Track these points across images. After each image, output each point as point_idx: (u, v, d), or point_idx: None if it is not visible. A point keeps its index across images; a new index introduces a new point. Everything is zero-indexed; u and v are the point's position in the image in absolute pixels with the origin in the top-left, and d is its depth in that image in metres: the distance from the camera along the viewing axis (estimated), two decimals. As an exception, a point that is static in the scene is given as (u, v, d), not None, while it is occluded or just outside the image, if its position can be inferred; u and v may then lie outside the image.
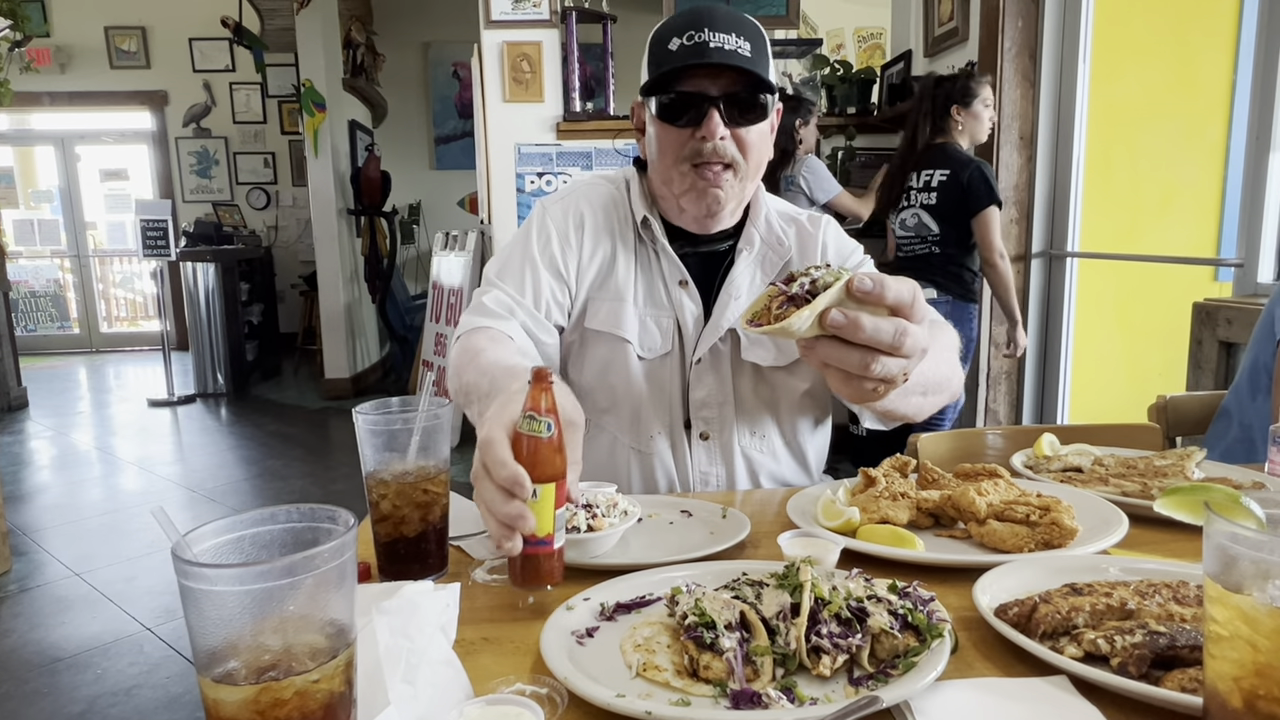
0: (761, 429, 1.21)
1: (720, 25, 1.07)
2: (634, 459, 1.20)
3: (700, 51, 1.06)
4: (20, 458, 4.50)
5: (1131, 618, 0.66)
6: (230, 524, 0.52)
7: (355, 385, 6.02)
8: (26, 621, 2.57)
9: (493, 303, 1.15)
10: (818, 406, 1.25)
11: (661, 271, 1.20)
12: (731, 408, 1.19)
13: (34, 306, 8.31)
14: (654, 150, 1.15)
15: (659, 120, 1.11)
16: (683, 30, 1.08)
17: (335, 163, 5.76)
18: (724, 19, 1.08)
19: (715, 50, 1.05)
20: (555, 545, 0.75)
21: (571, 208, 1.23)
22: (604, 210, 1.23)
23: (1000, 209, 2.78)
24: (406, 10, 7.41)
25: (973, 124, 2.85)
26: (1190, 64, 3.02)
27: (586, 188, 1.26)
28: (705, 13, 1.09)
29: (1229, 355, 2.29)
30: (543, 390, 0.73)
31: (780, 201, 1.29)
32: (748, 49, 1.07)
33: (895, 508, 0.92)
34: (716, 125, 1.07)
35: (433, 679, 0.59)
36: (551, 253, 1.19)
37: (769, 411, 1.21)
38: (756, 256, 1.22)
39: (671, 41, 1.09)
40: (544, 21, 3.49)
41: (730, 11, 1.11)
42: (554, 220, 1.22)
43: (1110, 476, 1.07)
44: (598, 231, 1.21)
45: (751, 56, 1.07)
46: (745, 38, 1.08)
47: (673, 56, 1.08)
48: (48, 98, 7.69)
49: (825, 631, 0.63)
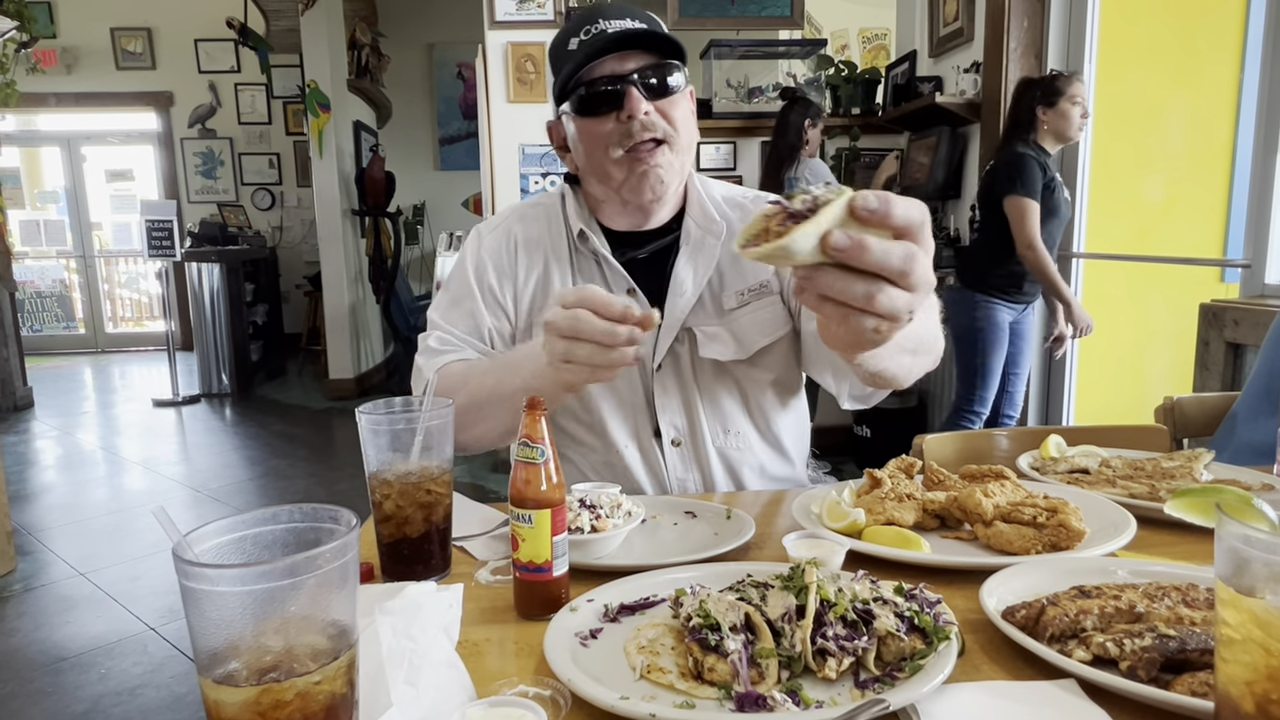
0: (734, 425, 1.19)
1: (612, 14, 1.09)
2: (608, 474, 1.18)
3: (601, 39, 1.07)
4: (25, 457, 4.51)
5: (1140, 621, 0.66)
6: (232, 524, 0.52)
7: (359, 385, 6.03)
8: (31, 621, 2.57)
9: (438, 343, 1.16)
10: (787, 391, 1.22)
11: (606, 282, 1.17)
12: (699, 410, 1.17)
13: (40, 307, 8.34)
14: (582, 152, 1.14)
15: (580, 117, 1.11)
16: (578, 29, 1.10)
17: (340, 163, 5.77)
18: (614, 9, 1.10)
19: (616, 35, 1.06)
20: (555, 572, 0.75)
21: (504, 233, 1.22)
22: (538, 230, 1.21)
23: (1033, 200, 2.74)
24: (411, 11, 7.42)
25: (1059, 121, 2.81)
26: (1196, 64, 3.01)
27: (520, 209, 1.26)
28: (595, 8, 1.11)
29: (1236, 356, 2.28)
30: (536, 418, 0.74)
31: (727, 187, 1.27)
32: (645, 28, 1.08)
33: (901, 509, 0.92)
34: (638, 101, 1.07)
35: (435, 680, 0.58)
36: (489, 283, 1.19)
37: (739, 407, 1.19)
38: (694, 246, 1.19)
39: (570, 43, 1.10)
40: (548, 22, 3.49)
41: (619, 3, 1.13)
42: (488, 250, 1.21)
43: (1118, 478, 1.07)
44: (532, 252, 1.20)
45: (651, 31, 1.08)
46: (640, 20, 1.10)
47: (577, 56, 1.08)
48: (54, 98, 7.72)
49: (831, 634, 0.63)
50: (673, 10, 3.89)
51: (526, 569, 0.75)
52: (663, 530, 0.97)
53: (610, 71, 1.07)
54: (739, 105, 4.03)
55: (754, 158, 4.02)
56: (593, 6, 1.15)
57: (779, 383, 1.20)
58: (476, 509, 1.04)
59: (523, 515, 0.74)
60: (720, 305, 1.17)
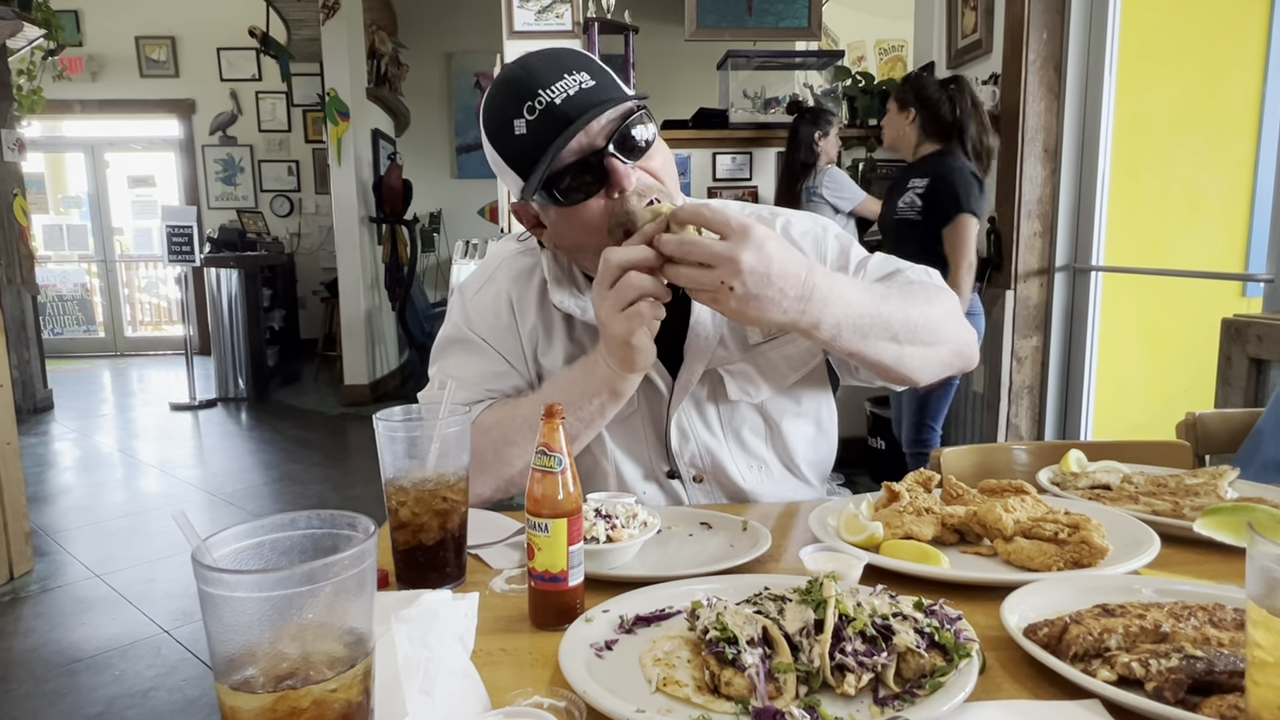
0: (759, 460, 1.16)
1: (546, 75, 0.92)
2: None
3: (553, 116, 0.91)
4: (45, 459, 4.56)
5: (1166, 641, 0.64)
6: (250, 529, 0.52)
7: (374, 391, 6.06)
8: (47, 621, 2.59)
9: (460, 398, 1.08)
10: (817, 418, 1.19)
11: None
12: (725, 451, 1.13)
13: (61, 310, 8.46)
14: (570, 238, 1.02)
15: (563, 209, 0.97)
16: (518, 108, 0.92)
17: (358, 171, 5.82)
18: (543, 65, 0.94)
19: (566, 104, 0.91)
20: (571, 582, 0.74)
21: (493, 294, 1.13)
22: (529, 285, 1.13)
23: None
24: (430, 21, 7.50)
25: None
26: (1218, 76, 2.98)
27: (508, 263, 1.16)
28: (524, 76, 0.93)
29: (1259, 372, 2.24)
30: (554, 427, 0.74)
31: (737, 208, 1.16)
32: (588, 79, 0.94)
33: (920, 523, 0.91)
34: (625, 175, 0.93)
35: (450, 690, 0.58)
36: (491, 351, 1.12)
37: (765, 443, 1.16)
38: None
39: (514, 126, 0.93)
40: (566, 32, 3.51)
41: (542, 53, 0.96)
42: (479, 312, 1.13)
43: (1140, 494, 1.05)
44: (526, 309, 1.12)
45: (598, 83, 0.94)
46: (576, 69, 0.94)
47: (529, 142, 0.93)
48: (79, 105, 7.85)
49: (850, 649, 0.62)
50: (690, 21, 3.90)
51: (542, 578, 0.74)
52: (678, 541, 0.96)
53: (579, 149, 0.92)
54: (755, 116, 4.04)
55: (770, 168, 4.02)
56: (519, 72, 0.94)
57: (807, 412, 1.17)
58: (491, 518, 1.04)
59: (539, 524, 0.74)
60: (744, 341, 1.11)
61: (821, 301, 0.88)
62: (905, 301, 0.99)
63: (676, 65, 6.08)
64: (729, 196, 3.48)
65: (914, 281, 1.09)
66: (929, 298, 1.04)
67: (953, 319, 1.06)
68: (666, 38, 5.48)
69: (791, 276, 0.86)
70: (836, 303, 0.90)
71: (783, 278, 0.85)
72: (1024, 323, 3.23)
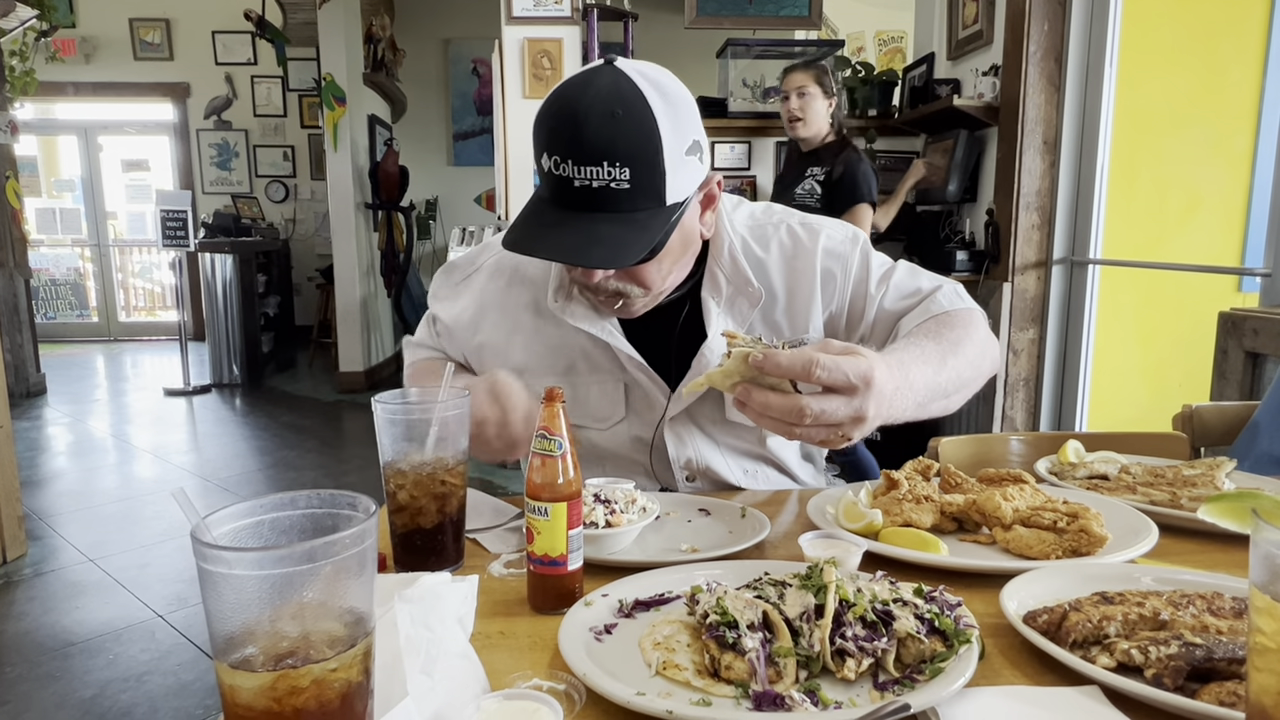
0: (752, 464, 1.16)
1: (587, 151, 0.84)
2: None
3: (562, 188, 0.87)
4: (38, 443, 4.54)
5: (1165, 628, 0.64)
6: (250, 508, 0.51)
7: (369, 379, 6.04)
8: (40, 605, 2.59)
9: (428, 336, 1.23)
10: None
11: (618, 363, 1.08)
12: (719, 457, 1.12)
13: (54, 294, 8.40)
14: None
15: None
16: (550, 144, 0.87)
17: (354, 157, 5.78)
18: (595, 137, 0.84)
19: (580, 190, 0.85)
20: (570, 566, 0.74)
21: (467, 290, 1.15)
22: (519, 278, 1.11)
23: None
24: (427, 6, 7.43)
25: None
26: (1218, 70, 2.97)
27: (496, 258, 1.15)
28: (572, 131, 0.85)
29: (1255, 365, 2.25)
30: (555, 411, 0.74)
31: (749, 215, 1.11)
32: (626, 180, 0.85)
33: (919, 511, 0.91)
34: (591, 273, 0.91)
35: (450, 672, 0.58)
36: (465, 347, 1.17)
37: (761, 448, 1.15)
38: (726, 301, 1.06)
39: (544, 159, 0.89)
40: (565, 18, 3.49)
41: (605, 118, 0.84)
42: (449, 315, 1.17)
43: (1138, 485, 1.05)
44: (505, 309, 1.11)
45: (633, 186, 0.85)
46: (625, 165, 0.84)
47: (541, 182, 0.92)
48: (72, 88, 7.77)
49: (850, 634, 0.62)
50: (690, 8, 3.88)
51: (541, 562, 0.74)
52: (677, 527, 0.96)
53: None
54: (754, 105, 4.02)
55: (769, 157, 4.01)
56: (569, 124, 0.85)
57: None
58: (489, 502, 1.04)
59: (539, 508, 0.73)
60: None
61: (891, 405, 0.81)
62: (953, 352, 0.93)
63: (676, 53, 6.01)
64: (727, 186, 3.47)
65: (947, 311, 1.03)
66: (969, 335, 0.98)
67: (987, 348, 1.01)
68: (666, 25, 5.44)
69: (887, 402, 0.79)
70: (906, 398, 0.83)
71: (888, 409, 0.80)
72: (1021, 315, 3.24)
